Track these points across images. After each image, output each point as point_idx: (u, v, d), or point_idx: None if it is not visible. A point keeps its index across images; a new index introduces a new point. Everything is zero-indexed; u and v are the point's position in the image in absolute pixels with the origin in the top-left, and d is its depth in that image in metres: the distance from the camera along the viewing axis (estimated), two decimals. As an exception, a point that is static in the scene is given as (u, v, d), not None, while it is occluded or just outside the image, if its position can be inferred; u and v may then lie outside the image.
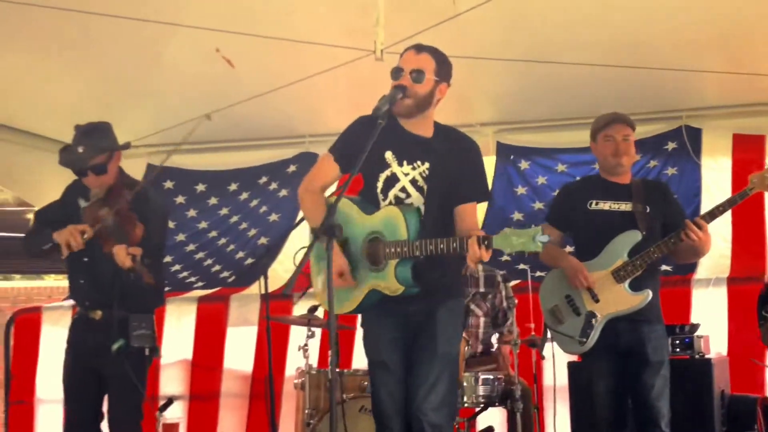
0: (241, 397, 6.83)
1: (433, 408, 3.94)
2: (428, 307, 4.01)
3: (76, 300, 4.93)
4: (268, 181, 7.54)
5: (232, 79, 6.29)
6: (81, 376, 4.83)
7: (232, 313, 6.96)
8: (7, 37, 5.76)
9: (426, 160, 4.01)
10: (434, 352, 3.98)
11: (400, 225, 3.88)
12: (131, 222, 4.59)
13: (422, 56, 4.04)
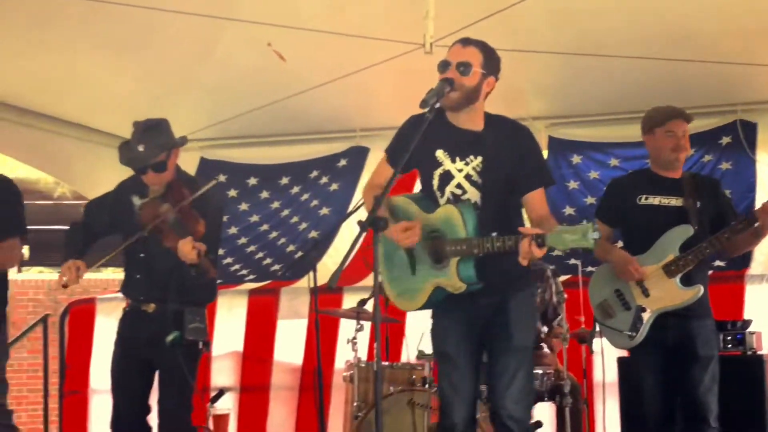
0: (291, 390, 6.86)
1: (513, 401, 3.96)
2: (497, 301, 4.00)
3: (129, 294, 4.95)
4: (318, 175, 7.56)
5: (283, 73, 6.33)
6: (130, 368, 4.85)
7: (282, 305, 7.00)
8: (64, 34, 5.84)
9: (478, 153, 3.99)
10: (509, 346, 3.99)
11: (457, 223, 3.88)
12: (194, 218, 4.61)
13: (469, 49, 4.02)
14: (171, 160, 4.82)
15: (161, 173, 4.77)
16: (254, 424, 6.79)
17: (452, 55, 4.03)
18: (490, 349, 4.09)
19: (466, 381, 4.04)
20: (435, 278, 3.96)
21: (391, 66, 5.97)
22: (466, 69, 3.98)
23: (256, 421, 6.82)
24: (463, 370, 4.04)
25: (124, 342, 4.93)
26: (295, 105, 6.77)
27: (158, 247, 4.62)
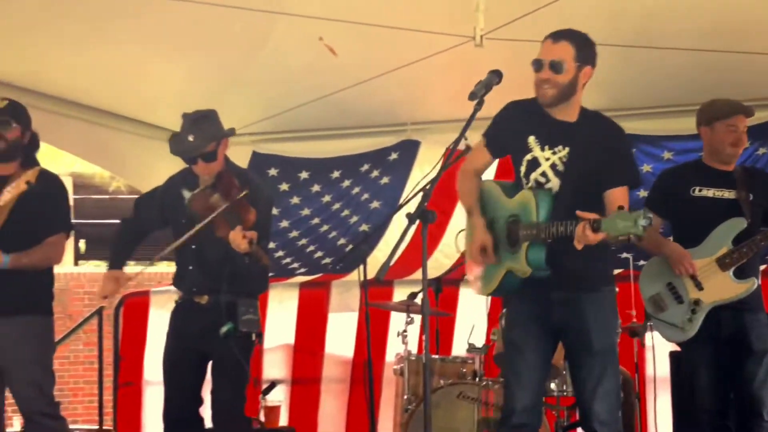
0: (342, 382, 6.88)
1: (600, 406, 3.98)
2: (572, 298, 4.00)
3: (181, 287, 4.98)
4: (369, 168, 7.57)
5: (334, 67, 6.35)
6: (183, 361, 4.88)
7: (333, 299, 7.03)
8: (117, 28, 5.89)
9: (567, 144, 4.02)
10: (590, 349, 4.00)
11: (532, 209, 3.93)
12: (244, 207, 4.62)
13: (560, 45, 4.03)
14: (220, 150, 4.85)
15: (211, 163, 4.81)
16: (305, 416, 6.81)
17: (544, 53, 4.04)
18: (569, 352, 4.15)
19: (529, 370, 4.05)
20: (507, 262, 4.01)
21: (442, 59, 5.97)
22: (558, 67, 3.99)
23: (307, 413, 6.85)
24: (528, 360, 4.05)
25: (176, 334, 4.96)
26: (347, 99, 6.78)
27: (210, 238, 4.64)
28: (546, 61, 4.01)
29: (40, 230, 4.90)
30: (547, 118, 4.07)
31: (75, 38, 5.95)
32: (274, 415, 6.20)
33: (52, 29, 5.81)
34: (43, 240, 4.93)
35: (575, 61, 4.01)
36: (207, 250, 4.75)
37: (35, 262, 4.91)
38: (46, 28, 5.79)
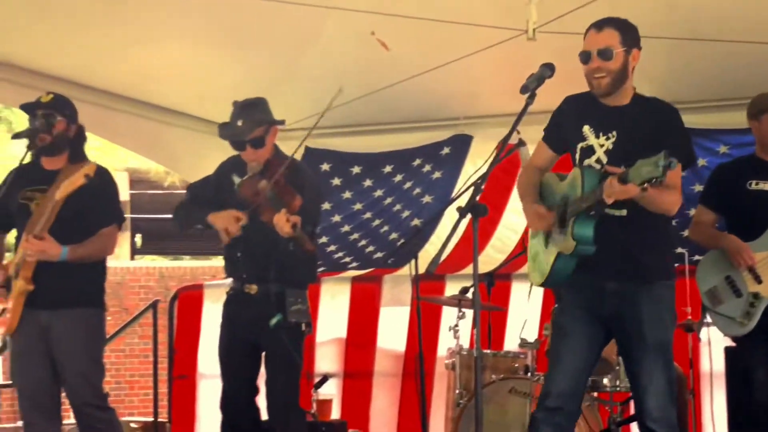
0: (393, 376, 6.89)
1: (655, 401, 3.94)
2: (626, 290, 3.97)
3: (233, 275, 5.03)
4: (422, 163, 7.56)
5: (386, 61, 6.35)
6: (237, 351, 4.95)
7: (385, 293, 7.04)
8: (170, 24, 5.95)
9: (615, 129, 4.02)
10: (643, 344, 3.95)
11: (577, 184, 3.92)
12: (290, 193, 4.66)
13: (604, 32, 4.03)
14: (269, 138, 4.92)
15: (259, 149, 4.87)
16: (357, 409, 6.83)
17: (590, 44, 4.04)
18: (622, 346, 4.09)
19: (571, 355, 4.01)
20: (558, 244, 3.99)
21: (494, 53, 5.94)
22: (607, 54, 3.98)
23: (359, 406, 6.86)
24: (571, 344, 4.03)
25: (229, 325, 5.02)
26: (399, 93, 6.78)
27: (257, 224, 4.68)
28: (594, 51, 4.00)
29: (94, 222, 4.97)
30: (600, 105, 4.07)
31: (128, 33, 6.01)
32: (326, 408, 6.23)
33: (106, 25, 5.87)
34: (97, 232, 5.00)
35: (622, 46, 4.01)
36: (254, 236, 4.77)
37: (91, 253, 4.99)
38: (101, 23, 5.85)
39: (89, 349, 5.01)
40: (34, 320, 4.91)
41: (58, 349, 4.91)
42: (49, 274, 4.85)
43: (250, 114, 4.87)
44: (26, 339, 4.94)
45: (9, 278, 4.97)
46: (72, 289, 4.92)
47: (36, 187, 5.01)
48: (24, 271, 4.86)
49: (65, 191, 4.76)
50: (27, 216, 4.97)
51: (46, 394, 4.98)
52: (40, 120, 4.97)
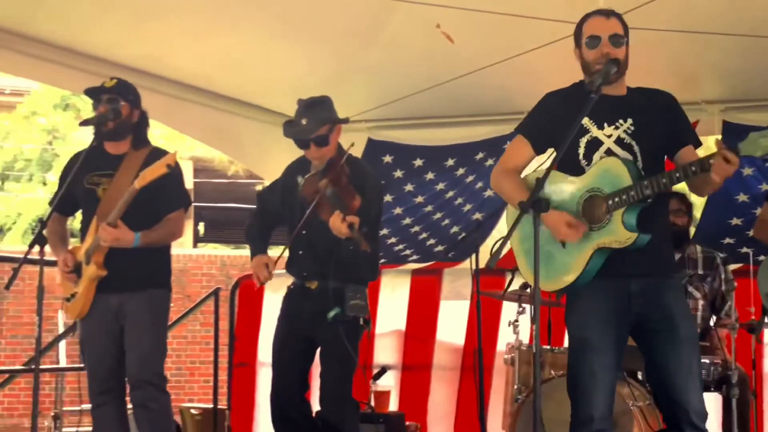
0: (452, 370, 6.88)
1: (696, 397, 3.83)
2: (651, 286, 3.86)
3: (293, 272, 5.06)
4: (484, 156, 7.53)
5: (451, 54, 6.34)
6: (292, 346, 4.96)
7: (445, 286, 7.03)
8: (239, 15, 5.99)
9: (628, 116, 3.93)
10: (677, 338, 3.82)
11: (621, 173, 3.80)
12: (350, 193, 4.66)
13: (613, 21, 3.99)
14: (333, 136, 4.92)
15: (322, 148, 4.88)
16: (415, 402, 6.84)
17: (598, 29, 3.97)
18: (651, 343, 3.89)
19: (607, 371, 3.83)
20: (594, 240, 3.81)
21: (560, 47, 5.86)
22: (619, 40, 3.94)
23: (417, 399, 6.87)
24: (607, 360, 3.83)
25: (286, 319, 5.05)
26: (463, 86, 6.76)
27: (318, 222, 4.68)
28: (605, 36, 3.93)
29: (162, 207, 5.03)
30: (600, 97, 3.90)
31: (197, 24, 6.07)
32: (384, 400, 6.24)
33: (176, 15, 5.94)
34: (164, 216, 5.06)
35: (625, 37, 3.97)
36: (316, 235, 4.79)
37: (162, 237, 5.06)
38: (170, 13, 5.92)
39: (155, 328, 5.08)
40: (105, 304, 4.99)
41: (128, 327, 4.99)
42: (119, 258, 4.92)
43: (315, 112, 4.87)
44: (97, 323, 5.02)
45: (79, 264, 5.06)
46: (142, 272, 5.00)
47: (101, 172, 5.09)
48: (96, 257, 4.93)
49: (145, 180, 4.78)
50: (94, 201, 5.04)
51: (114, 377, 5.07)
52: (104, 105, 5.03)
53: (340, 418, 4.83)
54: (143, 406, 4.99)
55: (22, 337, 13.18)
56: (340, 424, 4.81)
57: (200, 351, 13.28)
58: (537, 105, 4.13)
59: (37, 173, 16.78)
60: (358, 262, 4.79)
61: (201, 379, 13.30)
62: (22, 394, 12.87)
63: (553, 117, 3.98)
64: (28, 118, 17.08)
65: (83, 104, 16.73)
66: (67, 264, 5.05)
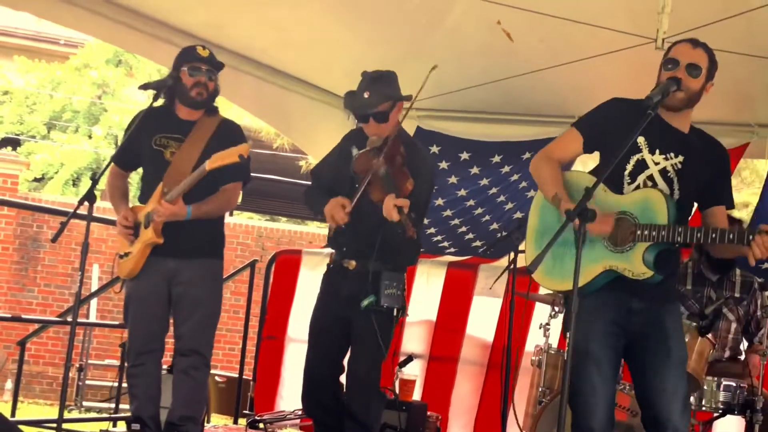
0: (479, 365, 6.89)
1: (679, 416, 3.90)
2: (652, 308, 3.95)
3: (335, 246, 4.99)
4: (531, 157, 7.45)
5: (509, 52, 6.35)
6: (329, 325, 4.89)
7: (479, 282, 7.03)
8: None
9: (681, 153, 3.96)
10: (668, 361, 3.92)
11: (660, 209, 3.84)
12: (404, 175, 4.60)
13: (698, 51, 3.99)
14: (393, 113, 4.83)
15: (381, 124, 4.80)
16: (439, 393, 6.86)
17: (680, 55, 3.98)
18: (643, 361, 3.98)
19: (607, 384, 3.93)
20: (609, 260, 3.88)
21: (619, 57, 5.90)
22: (695, 71, 3.95)
23: (442, 390, 6.89)
24: (606, 373, 3.93)
25: (324, 298, 4.98)
26: (517, 85, 6.77)
27: (366, 201, 4.61)
28: (684, 62, 3.94)
29: (220, 179, 5.05)
30: (661, 122, 3.97)
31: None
32: (409, 388, 6.28)
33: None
34: (220, 187, 5.10)
35: (707, 72, 3.98)
36: (362, 212, 4.67)
37: (214, 210, 5.11)
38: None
39: (211, 298, 5.15)
40: (161, 267, 5.04)
41: (182, 294, 5.05)
42: (178, 225, 4.98)
43: (379, 87, 4.79)
44: (150, 284, 5.07)
45: (137, 224, 5.10)
46: (199, 240, 5.06)
47: (170, 135, 5.12)
48: (156, 223, 4.97)
49: (215, 164, 4.81)
50: (161, 163, 5.07)
51: (156, 339, 5.13)
52: (204, 76, 5.08)
53: (365, 409, 4.79)
54: (186, 373, 5.05)
55: (55, 287, 13.35)
56: (364, 415, 4.77)
57: (228, 319, 13.34)
58: (600, 105, 4.15)
59: (83, 125, 16.91)
60: (400, 248, 4.71)
61: (226, 347, 13.40)
62: (49, 342, 13.05)
63: (611, 122, 4.00)
64: (79, 70, 17.21)
65: (135, 61, 16.85)
66: (127, 220, 5.10)
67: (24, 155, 15.91)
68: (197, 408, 5.21)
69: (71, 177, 16.25)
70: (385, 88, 4.82)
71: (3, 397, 12.07)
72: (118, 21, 6.31)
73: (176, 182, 4.94)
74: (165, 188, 4.96)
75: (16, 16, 15.29)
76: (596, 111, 4.14)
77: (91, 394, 12.49)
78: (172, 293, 5.07)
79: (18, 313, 12.55)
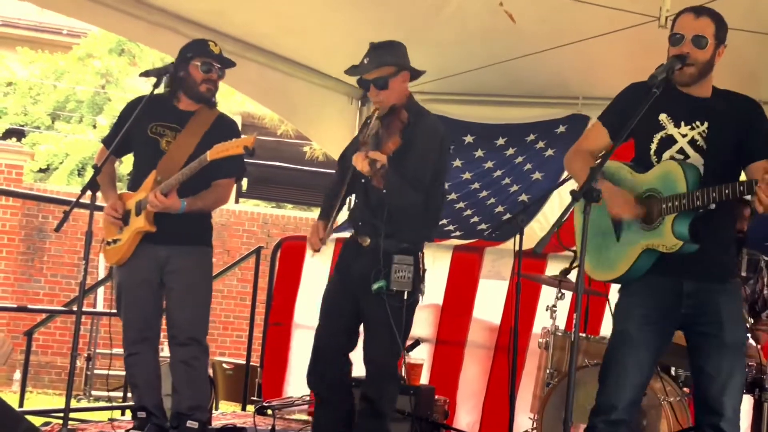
0: (486, 348, 6.87)
1: (730, 404, 3.85)
2: (703, 288, 3.87)
3: (352, 219, 4.99)
4: (535, 139, 7.51)
5: (511, 34, 6.33)
6: (339, 300, 4.85)
7: (485, 265, 7.00)
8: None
9: (705, 119, 3.91)
10: (722, 342, 3.85)
11: (679, 178, 3.80)
12: (389, 135, 4.60)
13: (702, 20, 3.92)
14: (396, 81, 4.76)
15: (382, 91, 4.74)
16: (446, 377, 6.85)
17: (684, 27, 3.92)
18: (697, 345, 3.93)
19: (638, 368, 3.89)
20: (644, 240, 3.86)
21: (622, 36, 5.87)
22: (701, 41, 3.88)
23: (449, 374, 6.88)
24: (641, 357, 3.88)
25: (338, 272, 4.95)
26: (520, 67, 6.75)
27: None
28: (689, 36, 3.88)
29: (213, 174, 5.05)
30: (680, 94, 3.93)
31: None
32: (416, 372, 6.26)
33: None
34: (213, 182, 5.09)
35: (715, 39, 3.91)
36: (373, 187, 4.66)
37: (208, 205, 5.12)
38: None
39: (204, 286, 5.16)
40: (152, 254, 5.05)
41: (175, 282, 5.05)
42: (170, 213, 4.98)
43: (379, 54, 4.75)
44: (140, 271, 5.08)
45: (127, 211, 5.10)
46: (190, 228, 5.06)
47: (166, 124, 5.12)
48: (147, 212, 4.98)
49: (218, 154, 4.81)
50: (156, 152, 5.07)
51: (152, 326, 5.15)
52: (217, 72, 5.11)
53: (379, 393, 4.78)
54: (186, 363, 5.06)
55: (61, 276, 13.37)
56: (378, 400, 4.76)
57: (235, 306, 13.39)
58: (619, 94, 4.12)
59: (87, 115, 16.90)
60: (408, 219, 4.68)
61: (234, 334, 13.43)
62: (57, 332, 13.08)
63: (629, 107, 3.94)
64: (83, 60, 17.18)
65: (138, 50, 16.82)
66: (116, 209, 5.09)
67: (28, 146, 15.91)
68: (203, 396, 5.23)
69: (76, 167, 16.23)
70: (384, 55, 4.77)
71: (11, 388, 12.09)
72: (121, 10, 6.30)
73: (170, 172, 4.94)
74: (158, 176, 4.96)
75: (18, 7, 15.26)
76: (616, 101, 4.12)
77: (100, 383, 12.52)
78: (164, 280, 5.07)
79: (25, 304, 12.59)
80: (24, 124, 16.70)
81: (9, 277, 13.31)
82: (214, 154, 4.81)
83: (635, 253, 3.89)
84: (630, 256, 3.90)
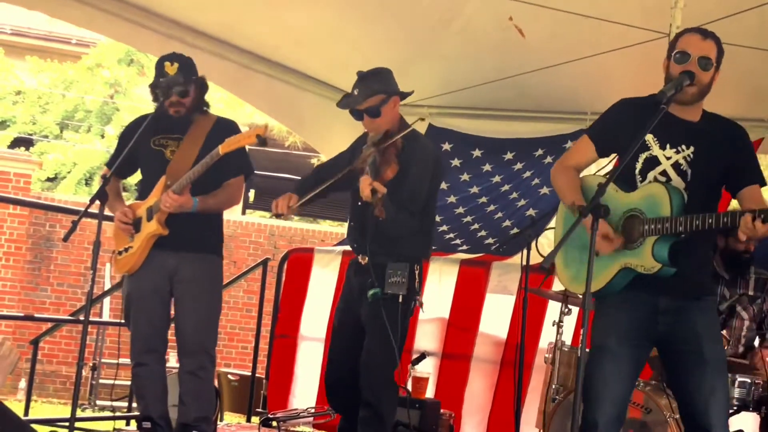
0: (492, 363, 6.86)
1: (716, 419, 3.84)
2: (680, 306, 3.87)
3: (349, 242, 5.07)
4: (543, 153, 7.51)
5: (521, 48, 6.34)
6: (347, 319, 4.93)
7: (492, 279, 7.00)
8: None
9: (691, 144, 3.90)
10: (701, 359, 3.84)
11: (663, 201, 3.80)
12: (387, 162, 4.66)
13: (708, 43, 3.92)
14: (387, 107, 4.82)
15: (375, 119, 4.80)
16: (452, 390, 6.83)
17: (691, 47, 3.91)
18: (676, 363, 3.92)
19: (620, 383, 3.88)
20: (624, 258, 3.86)
21: (632, 52, 5.88)
22: (707, 64, 3.89)
23: (454, 388, 6.87)
24: (621, 369, 3.88)
25: (343, 293, 5.05)
26: (529, 82, 6.76)
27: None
28: (695, 56, 3.88)
29: (223, 174, 5.08)
30: (668, 116, 3.88)
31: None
32: (422, 386, 6.26)
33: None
34: (224, 182, 5.12)
35: (716, 62, 3.92)
36: (365, 207, 4.70)
37: (219, 204, 5.14)
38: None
39: (213, 296, 5.17)
40: (162, 262, 5.07)
41: (184, 291, 5.06)
42: (179, 218, 5.00)
43: (368, 84, 4.82)
44: (150, 281, 5.10)
45: (138, 219, 5.11)
46: (200, 235, 5.08)
47: (168, 135, 5.15)
48: (159, 215, 5.00)
49: (230, 147, 4.84)
50: (161, 162, 5.10)
51: (159, 336, 5.15)
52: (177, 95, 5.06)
53: (377, 399, 4.79)
54: (193, 373, 5.06)
55: (68, 286, 13.38)
56: (377, 402, 4.77)
57: (241, 317, 13.39)
58: (609, 109, 4.11)
59: (96, 125, 16.94)
60: (401, 238, 4.74)
61: (239, 345, 13.42)
62: (63, 342, 13.08)
63: (621, 124, 3.96)
64: (91, 70, 17.23)
65: (147, 60, 16.87)
66: (127, 216, 5.11)
67: (37, 155, 15.94)
68: (209, 407, 5.24)
69: (84, 176, 16.27)
70: (372, 83, 4.83)
71: (17, 396, 12.09)
72: (132, 21, 6.34)
73: (178, 177, 4.97)
74: (168, 181, 4.98)
75: (28, 16, 15.32)
76: (605, 115, 4.11)
77: (105, 392, 12.52)
78: (173, 289, 5.08)
79: (31, 312, 12.60)
80: (32, 133, 16.73)
81: (16, 285, 13.33)
82: (226, 147, 4.84)
83: (613, 271, 3.90)
84: (607, 273, 3.90)
